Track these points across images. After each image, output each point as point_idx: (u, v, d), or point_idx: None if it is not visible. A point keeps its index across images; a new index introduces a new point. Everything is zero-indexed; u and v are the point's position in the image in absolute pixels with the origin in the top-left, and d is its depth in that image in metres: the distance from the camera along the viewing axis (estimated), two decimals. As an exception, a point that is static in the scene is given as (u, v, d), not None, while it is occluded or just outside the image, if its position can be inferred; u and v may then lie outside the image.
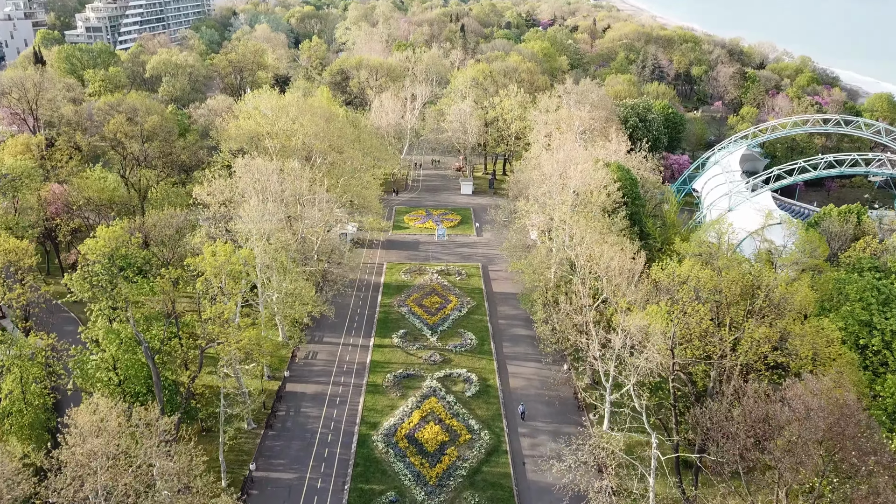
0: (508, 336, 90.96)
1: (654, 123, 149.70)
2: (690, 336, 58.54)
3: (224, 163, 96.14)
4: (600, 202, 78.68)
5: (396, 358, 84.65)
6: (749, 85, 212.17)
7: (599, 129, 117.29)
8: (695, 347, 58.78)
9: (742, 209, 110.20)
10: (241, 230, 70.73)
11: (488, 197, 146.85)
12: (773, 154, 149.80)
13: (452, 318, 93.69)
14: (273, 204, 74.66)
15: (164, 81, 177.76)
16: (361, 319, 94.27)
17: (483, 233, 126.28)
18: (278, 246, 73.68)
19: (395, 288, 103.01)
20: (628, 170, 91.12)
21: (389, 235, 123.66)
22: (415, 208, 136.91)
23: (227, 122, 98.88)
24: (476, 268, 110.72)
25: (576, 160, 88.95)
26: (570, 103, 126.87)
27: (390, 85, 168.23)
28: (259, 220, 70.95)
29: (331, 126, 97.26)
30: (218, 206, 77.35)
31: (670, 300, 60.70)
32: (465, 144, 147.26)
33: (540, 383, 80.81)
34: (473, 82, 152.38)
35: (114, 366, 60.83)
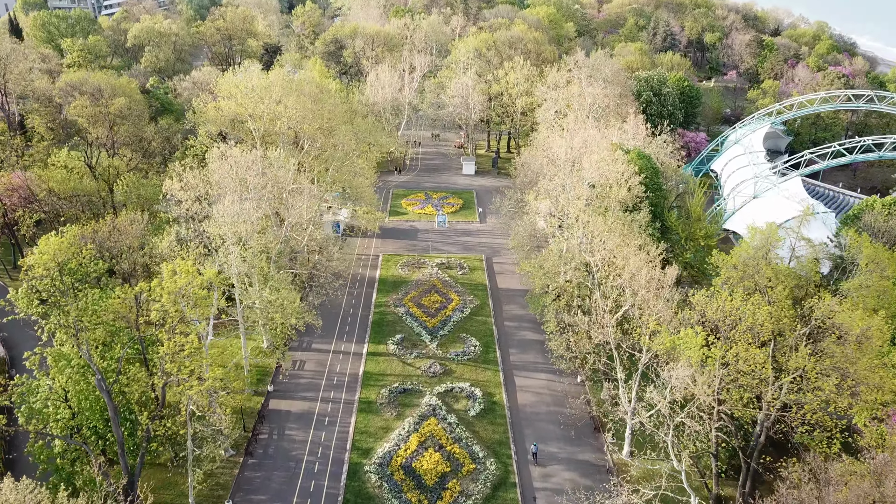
0: (516, 341, 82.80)
1: (668, 98, 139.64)
2: (738, 378, 50.08)
3: (202, 148, 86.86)
4: (620, 198, 69.76)
5: (392, 369, 76.58)
6: (766, 54, 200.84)
7: (614, 106, 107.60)
8: (741, 387, 50.38)
9: (769, 196, 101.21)
10: (214, 234, 61.95)
11: (492, 177, 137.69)
12: (795, 131, 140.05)
13: (454, 321, 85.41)
14: (251, 203, 65.83)
15: (147, 52, 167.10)
16: (354, 321, 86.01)
17: (487, 219, 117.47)
18: (258, 249, 65.01)
19: (392, 284, 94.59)
20: (649, 157, 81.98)
21: (386, 222, 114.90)
22: (413, 191, 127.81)
23: (205, 102, 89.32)
24: (479, 260, 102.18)
25: (591, 146, 79.89)
26: (580, 78, 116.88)
27: (387, 56, 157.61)
28: (234, 222, 62.19)
29: (320, 107, 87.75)
30: (191, 202, 68.50)
31: (711, 331, 52.27)
32: (467, 121, 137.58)
33: (551, 399, 72.84)
34: (476, 53, 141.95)
35: (65, 397, 52.69)
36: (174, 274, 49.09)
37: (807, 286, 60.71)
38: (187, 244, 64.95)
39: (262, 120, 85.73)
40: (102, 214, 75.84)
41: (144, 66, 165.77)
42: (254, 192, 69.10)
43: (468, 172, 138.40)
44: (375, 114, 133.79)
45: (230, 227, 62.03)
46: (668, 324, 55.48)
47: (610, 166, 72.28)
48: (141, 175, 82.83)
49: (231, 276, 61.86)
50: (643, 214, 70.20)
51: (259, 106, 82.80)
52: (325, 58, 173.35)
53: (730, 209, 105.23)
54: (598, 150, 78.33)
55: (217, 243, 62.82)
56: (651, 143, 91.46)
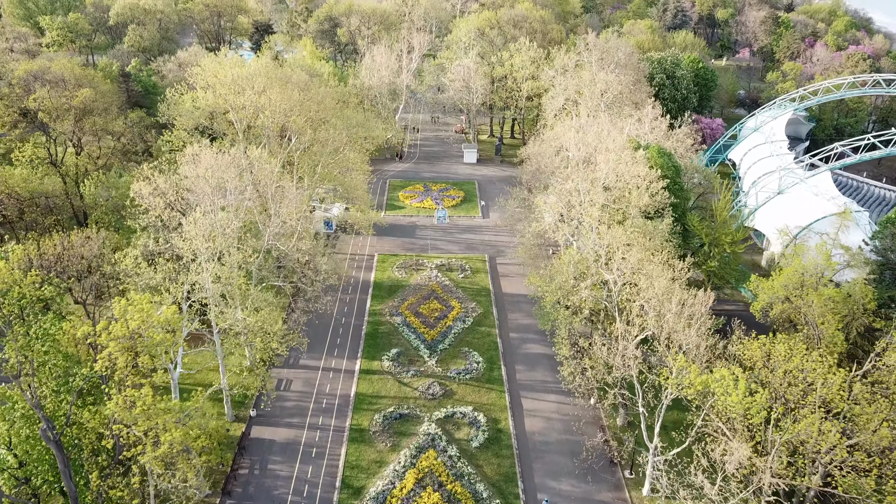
0: (522, 355, 75.89)
1: (682, 81, 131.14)
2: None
3: (179, 144, 79.08)
4: (642, 205, 62.26)
5: (387, 389, 69.74)
6: (782, 31, 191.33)
7: (628, 93, 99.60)
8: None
9: (796, 192, 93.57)
10: (185, 250, 54.60)
11: (495, 166, 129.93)
12: (817, 117, 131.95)
13: (455, 332, 78.41)
14: (227, 212, 58.41)
15: (131, 30, 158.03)
16: (346, 333, 79.01)
17: (489, 213, 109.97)
18: (235, 263, 57.70)
19: (388, 289, 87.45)
20: (670, 155, 74.35)
21: (382, 218, 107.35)
22: (411, 182, 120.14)
23: (180, 92, 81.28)
24: (482, 260, 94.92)
25: (606, 141, 72.26)
26: (591, 61, 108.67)
27: (384, 35, 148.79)
28: (207, 236, 54.84)
29: (308, 97, 79.80)
30: (162, 208, 61.06)
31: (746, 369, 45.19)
32: (468, 105, 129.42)
33: (562, 425, 66.05)
34: (478, 33, 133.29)
35: (9, 445, 45.88)
36: (125, 315, 41.83)
37: (856, 312, 53.51)
38: (156, 259, 57.67)
39: (244, 111, 77.94)
40: (64, 220, 68.52)
41: (128, 45, 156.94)
42: (231, 197, 61.63)
43: (470, 161, 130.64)
44: (371, 98, 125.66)
45: (203, 241, 54.66)
46: (701, 359, 48.45)
47: (629, 168, 64.69)
48: (117, 174, 74.96)
49: (205, 296, 54.65)
50: (667, 223, 62.83)
51: (240, 98, 74.95)
52: (318, 36, 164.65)
53: (751, 205, 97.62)
54: (613, 147, 70.72)
55: (188, 258, 55.51)
56: (670, 136, 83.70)
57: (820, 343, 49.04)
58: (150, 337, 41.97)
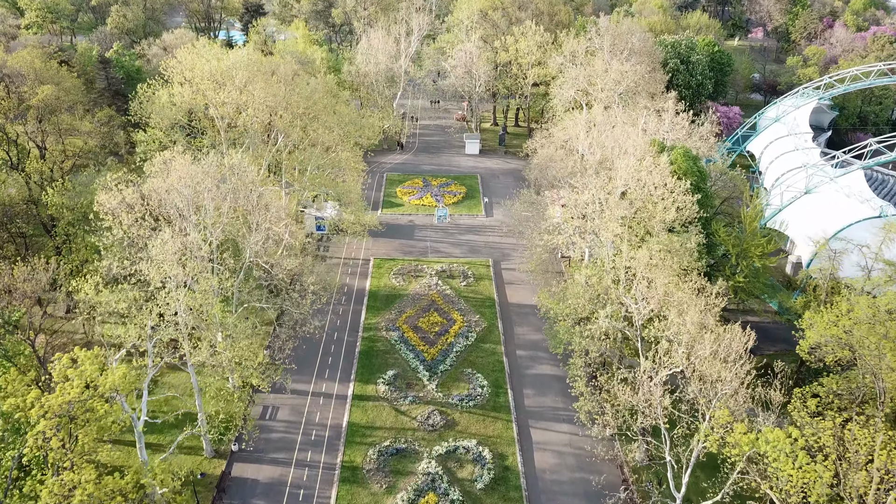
0: (530, 377, 69.55)
1: (697, 66, 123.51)
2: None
3: (154, 143, 72.00)
4: (669, 220, 55.35)
5: (383, 419, 63.44)
6: (798, 10, 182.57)
7: (644, 84, 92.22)
8: None
9: (824, 191, 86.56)
10: (153, 277, 47.96)
11: (499, 157, 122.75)
12: (841, 105, 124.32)
13: (457, 350, 72.00)
14: (200, 234, 51.67)
15: (114, 11, 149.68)
16: (339, 351, 72.60)
17: (493, 211, 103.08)
18: (210, 288, 51.10)
19: (384, 298, 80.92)
20: (696, 158, 67.27)
21: (379, 216, 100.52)
22: (410, 176, 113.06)
23: (154, 88, 73.84)
24: (486, 265, 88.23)
25: (624, 143, 65.30)
26: (603, 47, 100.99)
27: (381, 16, 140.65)
28: (176, 261, 48.17)
29: (295, 91, 72.50)
30: (128, 225, 54.21)
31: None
32: (470, 93, 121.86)
33: (575, 461, 59.81)
34: (481, 15, 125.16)
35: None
36: (67, 380, 35.19)
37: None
38: (121, 283, 50.99)
39: (225, 107, 70.77)
40: (28, 233, 61.74)
41: (111, 27, 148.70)
42: (206, 212, 54.82)
43: (472, 152, 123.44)
44: (367, 86, 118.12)
45: (172, 266, 48.00)
46: (740, 409, 42.05)
47: (652, 177, 57.73)
48: (94, 172, 67.50)
49: (173, 332, 48.09)
50: (696, 240, 56.02)
51: (220, 94, 67.72)
52: (312, 17, 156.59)
53: (775, 204, 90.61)
54: (633, 149, 63.75)
55: (156, 285, 48.85)
56: (693, 133, 76.60)
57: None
58: (92, 409, 35.47)
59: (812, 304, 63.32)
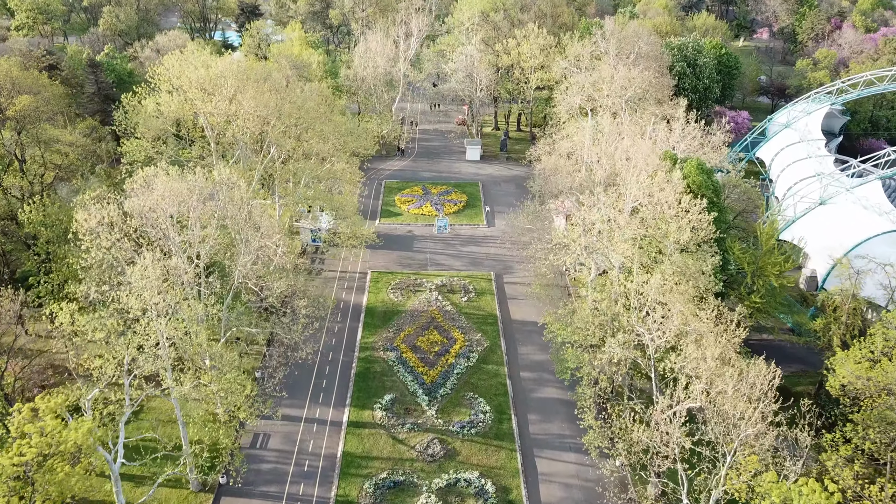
0: (535, 401, 66.18)
1: (704, 70, 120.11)
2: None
3: (140, 153, 68.57)
4: (683, 240, 51.94)
5: (379, 448, 60.06)
6: (805, 11, 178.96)
7: (652, 91, 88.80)
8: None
9: (840, 203, 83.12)
10: (133, 307, 44.60)
11: (500, 164, 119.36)
12: (852, 109, 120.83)
13: (458, 373, 68.64)
14: (184, 255, 48.36)
15: (106, 12, 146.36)
16: (333, 372, 69.25)
17: (495, 220, 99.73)
18: (193, 314, 47.75)
19: (382, 315, 77.57)
20: (710, 171, 63.90)
21: (377, 226, 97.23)
22: (409, 183, 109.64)
23: (141, 98, 70.26)
24: (488, 279, 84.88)
25: (634, 155, 61.93)
26: (609, 51, 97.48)
27: (379, 18, 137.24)
28: (156, 289, 44.82)
29: (287, 100, 69.02)
30: (107, 247, 50.81)
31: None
32: (471, 97, 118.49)
33: (583, 495, 56.37)
34: (482, 16, 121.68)
35: None
36: (31, 430, 31.81)
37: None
38: (99, 310, 47.62)
39: (215, 117, 67.29)
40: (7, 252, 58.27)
41: (103, 28, 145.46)
42: (193, 232, 51.48)
43: (473, 158, 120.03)
44: (365, 90, 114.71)
45: (152, 294, 44.67)
46: (765, 455, 38.75)
47: (665, 194, 54.30)
48: (83, 180, 64.01)
49: (152, 366, 44.76)
50: (713, 262, 52.62)
51: (208, 104, 64.26)
52: (309, 18, 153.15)
53: (788, 215, 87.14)
54: (643, 162, 60.37)
55: (136, 314, 45.48)
56: (706, 145, 73.19)
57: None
58: (53, 469, 32.09)
59: (833, 327, 60.00)
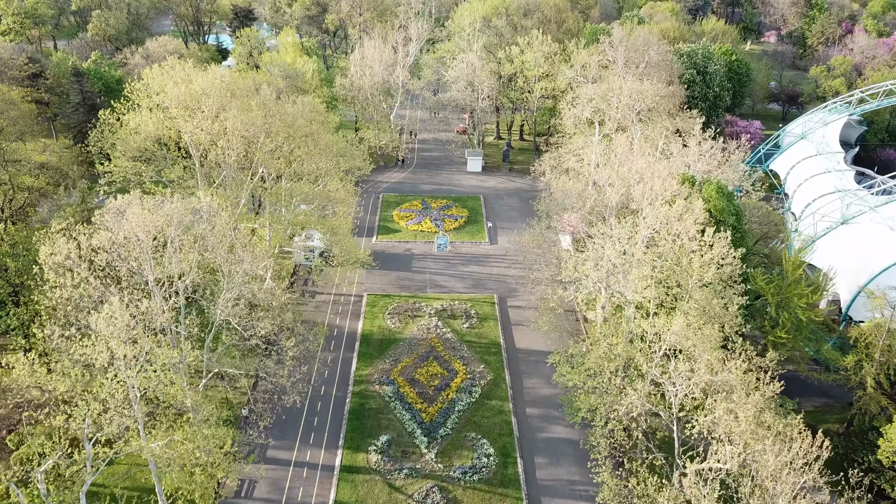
0: (543, 441, 61.53)
1: (715, 77, 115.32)
2: None
3: (120, 174, 63.89)
4: (708, 278, 47.23)
5: (374, 496, 55.37)
6: (815, 14, 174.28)
7: (665, 104, 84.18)
8: None
9: (864, 223, 78.47)
10: (97, 358, 39.99)
11: (503, 175, 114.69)
12: (869, 119, 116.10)
13: (459, 410, 63.92)
14: (155, 299, 43.76)
15: (95, 16, 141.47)
16: (326, 409, 64.60)
17: (498, 237, 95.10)
18: (168, 361, 43.12)
19: (378, 344, 72.91)
20: (731, 195, 59.25)
21: (374, 243, 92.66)
22: (408, 197, 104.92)
23: (120, 113, 65.42)
24: (490, 302, 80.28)
25: (650, 179, 57.29)
26: (617, 60, 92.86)
27: (377, 22, 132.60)
28: (124, 338, 40.23)
29: (276, 116, 64.29)
30: (74, 285, 46.17)
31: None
32: (473, 106, 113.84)
33: (597, 551, 51.90)
34: (483, 22, 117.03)
35: None
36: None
37: None
38: (62, 359, 43.02)
39: (199, 135, 62.51)
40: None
41: (92, 34, 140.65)
42: (171, 266, 46.87)
43: (474, 169, 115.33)
44: (362, 100, 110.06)
45: (119, 342, 40.07)
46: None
47: (685, 224, 49.61)
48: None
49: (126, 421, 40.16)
50: (739, 301, 47.97)
51: (189, 122, 59.58)
52: (305, 22, 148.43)
53: (807, 234, 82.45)
54: (660, 187, 55.75)
55: (102, 363, 40.85)
56: (725, 165, 68.56)
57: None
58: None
59: (866, 365, 55.41)
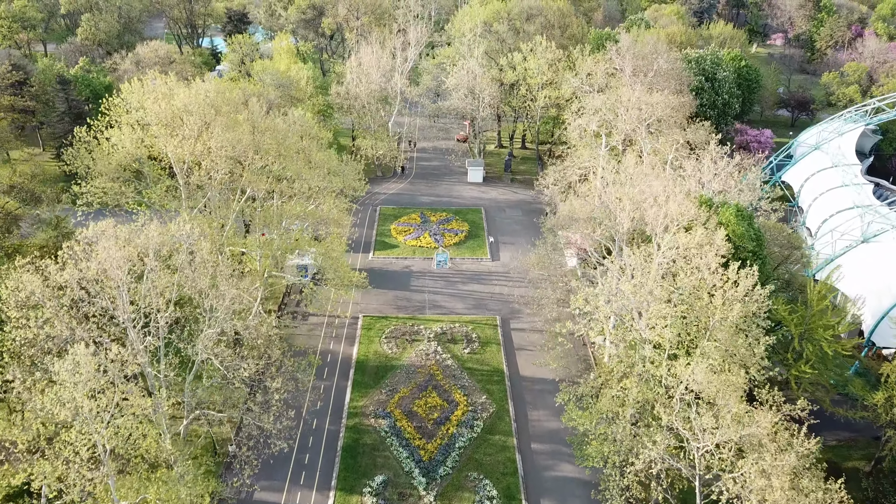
0: (550, 481, 57.59)
1: (724, 84, 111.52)
2: None
3: (99, 194, 59.90)
4: (732, 319, 43.15)
5: (369, 546, 51.61)
6: (824, 17, 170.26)
7: (676, 117, 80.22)
8: None
9: (887, 242, 74.53)
10: (57, 412, 36.16)
11: (504, 186, 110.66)
12: (885, 127, 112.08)
13: (459, 446, 59.90)
14: (130, 340, 39.88)
15: (84, 20, 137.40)
16: (318, 444, 60.62)
17: (500, 253, 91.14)
18: (140, 412, 39.24)
19: (374, 371, 68.96)
20: (751, 217, 55.29)
21: (370, 260, 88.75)
22: (406, 210, 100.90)
23: (98, 129, 61.29)
24: (493, 325, 76.34)
25: (665, 203, 53.33)
26: (624, 68, 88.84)
27: (374, 27, 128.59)
28: (92, 385, 36.35)
29: (266, 132, 60.26)
30: (38, 326, 42.24)
31: None
32: (473, 114, 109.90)
33: None
34: (485, 28, 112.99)
35: None
36: None
37: None
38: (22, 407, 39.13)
39: (180, 152, 58.40)
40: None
41: (81, 38, 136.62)
42: (146, 306, 42.94)
43: (475, 180, 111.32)
44: (358, 109, 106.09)
45: (84, 394, 36.18)
46: None
47: (706, 257, 45.61)
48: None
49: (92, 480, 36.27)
50: (766, 340, 44.01)
51: (170, 142, 55.54)
52: (301, 26, 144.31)
53: (825, 253, 78.60)
54: (676, 209, 51.80)
55: (66, 418, 36.95)
56: (741, 184, 64.58)
57: None
58: None
59: None
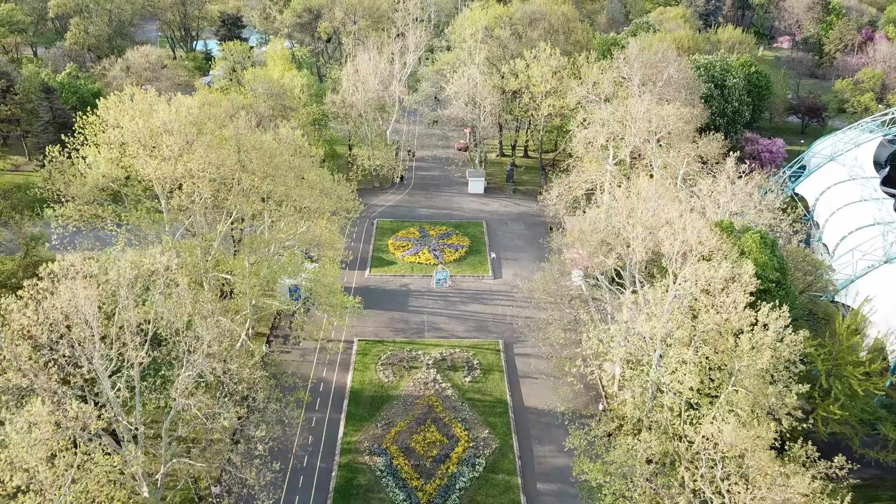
0: (556, 527, 53.72)
1: (734, 91, 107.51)
2: None
3: (73, 218, 55.83)
4: (763, 365, 39.08)
5: None
6: (833, 19, 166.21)
7: (689, 130, 76.27)
8: None
9: (911, 262, 70.62)
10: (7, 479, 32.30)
11: (506, 198, 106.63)
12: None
13: (460, 487, 55.88)
14: (86, 403, 35.95)
15: (73, 24, 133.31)
16: (308, 485, 56.61)
17: (502, 270, 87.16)
18: (105, 474, 35.26)
19: (369, 402, 64.95)
20: (774, 244, 51.23)
21: (366, 277, 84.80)
22: (404, 223, 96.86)
23: (71, 148, 57.31)
24: (495, 349, 72.37)
25: (683, 231, 49.28)
26: (632, 77, 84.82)
27: (372, 31, 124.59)
28: (46, 452, 32.38)
29: (254, 149, 56.19)
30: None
31: None
32: (474, 123, 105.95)
33: None
34: (486, 33, 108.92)
35: None
36: None
37: None
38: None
39: (161, 173, 54.34)
40: None
41: (70, 43, 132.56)
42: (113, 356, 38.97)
43: (476, 191, 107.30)
44: (355, 117, 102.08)
45: (39, 457, 32.22)
46: None
47: (731, 295, 41.55)
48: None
49: None
50: (798, 389, 40.03)
51: (148, 165, 51.54)
52: (296, 30, 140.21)
53: (844, 273, 74.58)
54: (694, 239, 47.79)
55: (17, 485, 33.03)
56: (761, 204, 60.58)
57: None
58: None
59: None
